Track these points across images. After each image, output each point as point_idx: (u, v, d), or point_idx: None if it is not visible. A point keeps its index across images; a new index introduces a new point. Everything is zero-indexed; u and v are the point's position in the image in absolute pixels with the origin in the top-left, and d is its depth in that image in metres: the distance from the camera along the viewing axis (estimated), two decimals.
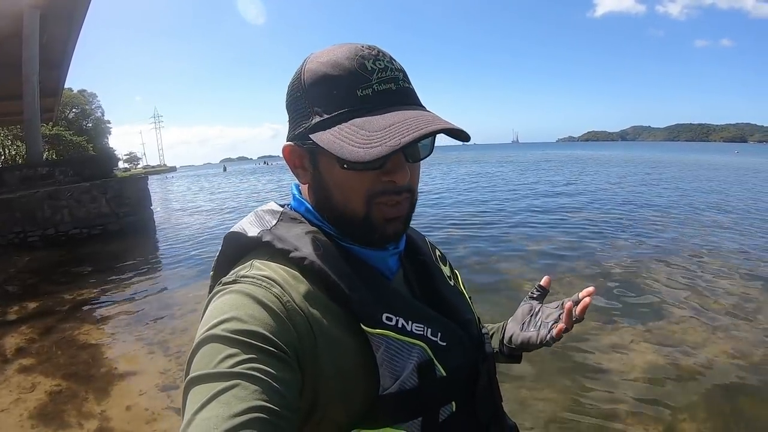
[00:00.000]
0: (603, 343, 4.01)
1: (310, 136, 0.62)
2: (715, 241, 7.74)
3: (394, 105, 0.60)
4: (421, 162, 0.68)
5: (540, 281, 0.89)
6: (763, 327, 4.28)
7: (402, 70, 0.65)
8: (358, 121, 0.59)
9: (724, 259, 6.63)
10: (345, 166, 0.61)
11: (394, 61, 0.64)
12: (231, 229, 0.69)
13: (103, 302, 6.06)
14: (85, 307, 5.90)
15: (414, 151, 0.65)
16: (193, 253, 8.85)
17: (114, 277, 7.26)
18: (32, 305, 6.01)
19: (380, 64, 0.61)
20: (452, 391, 0.63)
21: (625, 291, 5.30)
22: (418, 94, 0.66)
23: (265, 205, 0.73)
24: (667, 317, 4.54)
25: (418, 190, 0.70)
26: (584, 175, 23.97)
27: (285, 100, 0.68)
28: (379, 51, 0.63)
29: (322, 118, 0.61)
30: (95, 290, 6.60)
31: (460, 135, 0.63)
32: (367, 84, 0.60)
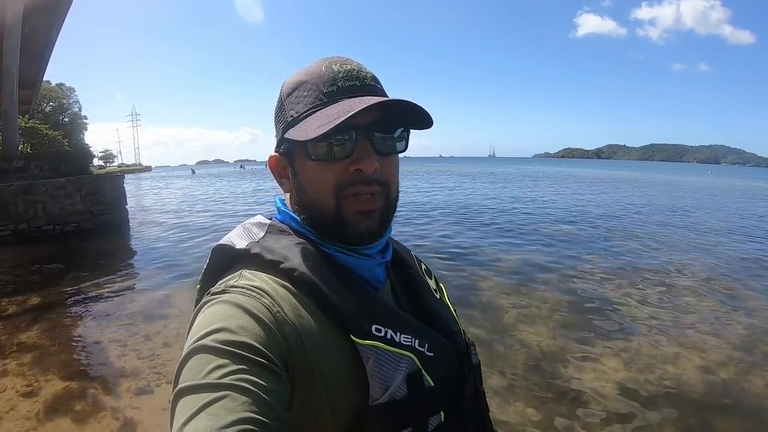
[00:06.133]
0: (575, 359, 4.07)
1: (285, 135, 0.66)
2: (686, 259, 7.96)
3: (358, 96, 0.63)
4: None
5: None
6: (731, 343, 4.41)
7: (371, 74, 0.68)
8: (321, 110, 0.63)
9: (694, 276, 6.82)
10: (312, 156, 0.64)
11: (364, 67, 0.68)
12: (218, 242, 0.69)
13: (75, 302, 5.92)
14: (58, 307, 5.73)
15: (383, 143, 0.65)
16: (167, 254, 8.70)
17: (87, 276, 7.08)
18: (3, 303, 5.83)
19: (347, 67, 0.66)
20: (441, 401, 0.64)
21: (597, 307, 5.40)
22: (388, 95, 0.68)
23: (252, 218, 0.74)
24: (637, 333, 4.64)
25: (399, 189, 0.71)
26: (560, 191, 24.38)
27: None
28: (348, 59, 0.68)
29: (294, 117, 0.65)
30: (67, 289, 6.44)
31: (420, 119, 0.66)
32: (333, 82, 0.64)
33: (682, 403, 3.38)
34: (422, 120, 0.66)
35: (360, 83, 0.65)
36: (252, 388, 0.48)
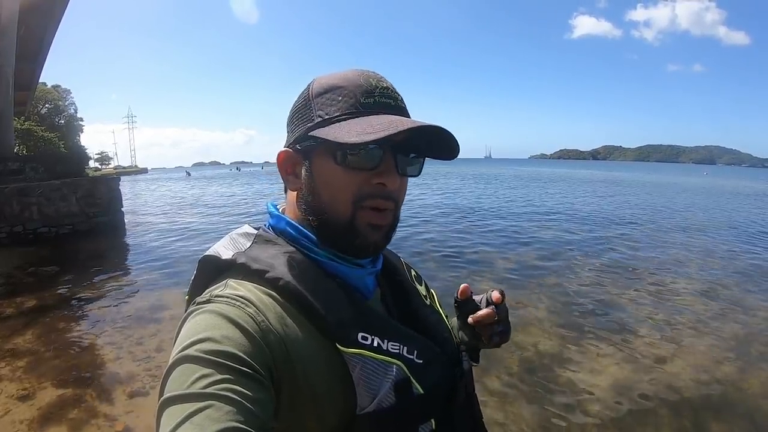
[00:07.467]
0: (570, 360, 4.08)
1: (309, 134, 0.65)
2: (680, 260, 7.99)
3: (393, 114, 0.64)
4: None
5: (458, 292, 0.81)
6: (726, 343, 4.43)
7: (401, 96, 0.69)
8: (358, 119, 0.62)
9: (689, 278, 6.85)
10: (339, 160, 0.63)
11: (395, 88, 0.69)
12: (205, 253, 0.69)
13: (70, 305, 5.90)
14: (52, 310, 5.70)
15: (404, 164, 0.66)
16: (161, 257, 8.68)
17: (81, 279, 7.06)
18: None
19: (383, 84, 0.67)
20: (431, 408, 0.63)
21: (592, 308, 5.41)
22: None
23: (239, 229, 0.73)
24: (633, 334, 4.65)
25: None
26: (555, 192, 24.43)
27: (288, 117, 0.71)
28: (382, 76, 0.69)
29: (324, 119, 0.64)
30: (62, 292, 6.41)
31: (448, 151, 0.68)
32: (371, 95, 0.64)
33: (677, 403, 3.39)
34: (449, 152, 0.68)
35: (394, 102, 0.66)
36: (237, 397, 0.48)
